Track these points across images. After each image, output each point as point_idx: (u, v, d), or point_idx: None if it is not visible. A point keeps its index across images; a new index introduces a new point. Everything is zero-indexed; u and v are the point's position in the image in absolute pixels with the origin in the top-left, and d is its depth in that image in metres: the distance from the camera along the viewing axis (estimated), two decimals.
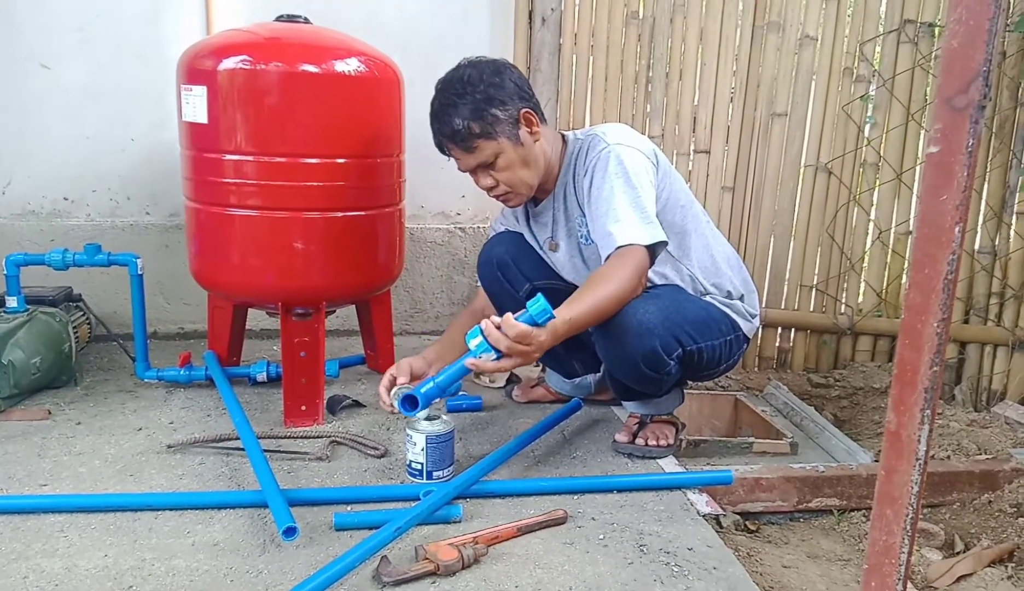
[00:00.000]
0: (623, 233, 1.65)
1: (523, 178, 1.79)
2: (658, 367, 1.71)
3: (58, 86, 2.52)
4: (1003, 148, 2.43)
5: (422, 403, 1.56)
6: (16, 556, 1.36)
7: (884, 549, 0.84)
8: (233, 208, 1.91)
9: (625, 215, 1.67)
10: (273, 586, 1.30)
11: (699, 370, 1.85)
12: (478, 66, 1.75)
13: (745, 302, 1.90)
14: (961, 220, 0.75)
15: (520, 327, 1.47)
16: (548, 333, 1.51)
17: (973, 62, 0.72)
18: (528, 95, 1.79)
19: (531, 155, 1.78)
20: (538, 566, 1.38)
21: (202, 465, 1.73)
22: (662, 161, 1.86)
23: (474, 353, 1.51)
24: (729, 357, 1.87)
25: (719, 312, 1.84)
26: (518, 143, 1.76)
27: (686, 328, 1.73)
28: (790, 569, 1.62)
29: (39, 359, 2.04)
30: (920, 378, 0.79)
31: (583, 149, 1.81)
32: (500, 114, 1.72)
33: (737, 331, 1.86)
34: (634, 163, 1.73)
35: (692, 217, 1.89)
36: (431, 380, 1.60)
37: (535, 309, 1.49)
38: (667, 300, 1.75)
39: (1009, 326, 2.47)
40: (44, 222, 2.59)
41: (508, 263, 1.96)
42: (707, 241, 1.91)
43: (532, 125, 1.77)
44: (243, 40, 1.91)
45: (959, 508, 1.94)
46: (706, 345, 1.78)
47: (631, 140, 1.79)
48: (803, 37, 2.51)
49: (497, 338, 1.48)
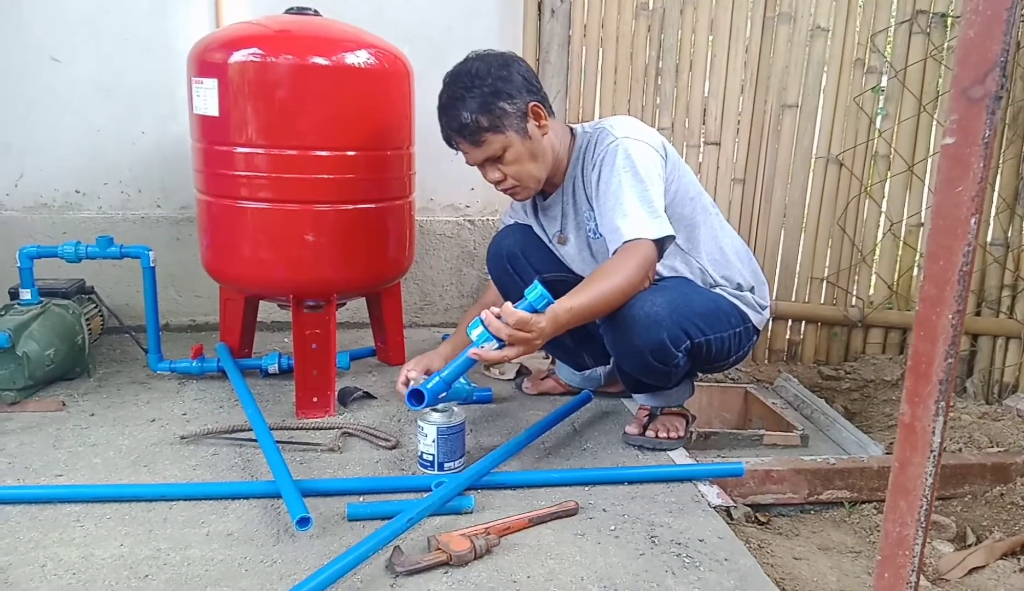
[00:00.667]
0: (631, 227, 1.65)
1: (531, 172, 1.79)
2: (666, 359, 1.71)
3: (68, 79, 2.53)
4: (1016, 139, 2.41)
5: (428, 398, 1.57)
6: (34, 545, 1.37)
7: (897, 541, 0.84)
8: (244, 201, 1.91)
9: (633, 209, 1.66)
10: (287, 575, 1.31)
11: (709, 362, 1.85)
12: (486, 59, 1.74)
13: (755, 294, 1.90)
14: (977, 211, 0.75)
15: (519, 314, 1.49)
16: (548, 320, 1.52)
17: (990, 52, 0.71)
18: (536, 88, 1.78)
19: (539, 148, 1.78)
20: (550, 557, 1.39)
21: (215, 456, 1.75)
22: (671, 153, 1.85)
23: (476, 344, 1.54)
24: (739, 349, 1.86)
25: (728, 304, 1.84)
26: (526, 137, 1.75)
27: (694, 320, 1.73)
28: (801, 561, 1.62)
29: (53, 351, 2.06)
30: (935, 370, 0.78)
31: (591, 142, 1.81)
32: (508, 107, 1.71)
33: (747, 323, 1.86)
34: (642, 156, 1.72)
35: (701, 209, 1.88)
36: (437, 375, 1.62)
37: (533, 296, 1.51)
38: (675, 292, 1.74)
39: (1021, 319, 2.46)
40: (56, 215, 2.61)
41: (517, 255, 1.97)
42: (716, 233, 1.90)
43: (540, 118, 1.76)
44: (253, 33, 1.92)
45: (971, 500, 1.94)
46: (715, 337, 1.77)
47: (639, 133, 1.78)
48: (814, 28, 2.50)
49: (498, 327, 1.50)
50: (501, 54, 1.78)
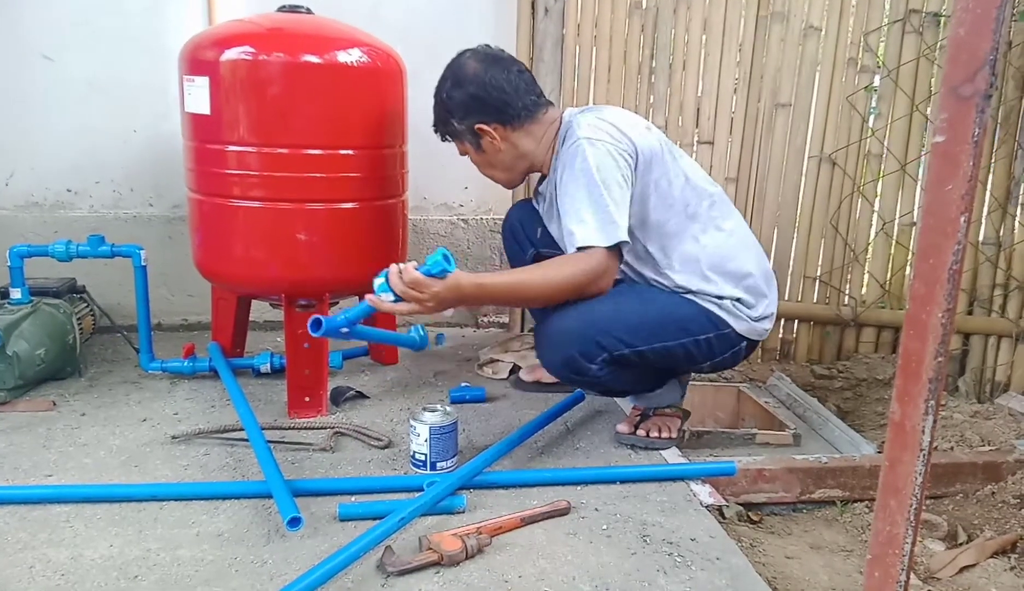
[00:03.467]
0: (583, 234, 1.65)
1: (493, 176, 1.93)
2: (582, 371, 1.71)
3: (60, 77, 2.52)
4: (1008, 139, 2.42)
5: (325, 326, 1.60)
6: (22, 546, 1.36)
7: (888, 539, 0.84)
8: (236, 199, 1.90)
9: (587, 216, 1.66)
10: (278, 576, 1.30)
11: (667, 367, 1.81)
12: (447, 73, 1.84)
13: (743, 304, 1.80)
14: (966, 210, 0.75)
15: (415, 275, 1.56)
16: (447, 288, 1.58)
17: (980, 51, 0.71)
18: (488, 108, 1.79)
19: (495, 159, 1.87)
20: (541, 556, 1.38)
21: (207, 456, 1.74)
22: (650, 150, 1.75)
23: (376, 292, 1.62)
24: (712, 355, 1.78)
25: (694, 310, 1.76)
26: (480, 150, 1.86)
27: (616, 333, 1.68)
28: (793, 560, 1.62)
29: (43, 350, 2.04)
30: (925, 369, 0.78)
31: (564, 136, 1.80)
32: (457, 125, 1.84)
33: (723, 329, 1.76)
34: (599, 160, 1.68)
35: (685, 218, 1.79)
36: (343, 313, 1.66)
37: (430, 260, 1.57)
38: (607, 304, 1.70)
39: (1013, 317, 2.47)
40: (48, 214, 2.59)
41: (518, 228, 2.09)
42: (697, 243, 1.79)
43: (488, 136, 1.82)
44: (245, 31, 1.91)
45: (962, 499, 1.94)
46: (657, 346, 1.72)
47: (605, 133, 1.72)
48: (807, 27, 2.50)
49: (395, 282, 1.58)
50: (462, 66, 1.82)
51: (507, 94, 1.79)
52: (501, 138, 1.82)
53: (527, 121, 1.82)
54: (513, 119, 1.81)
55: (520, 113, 1.81)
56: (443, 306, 1.62)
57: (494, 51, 1.85)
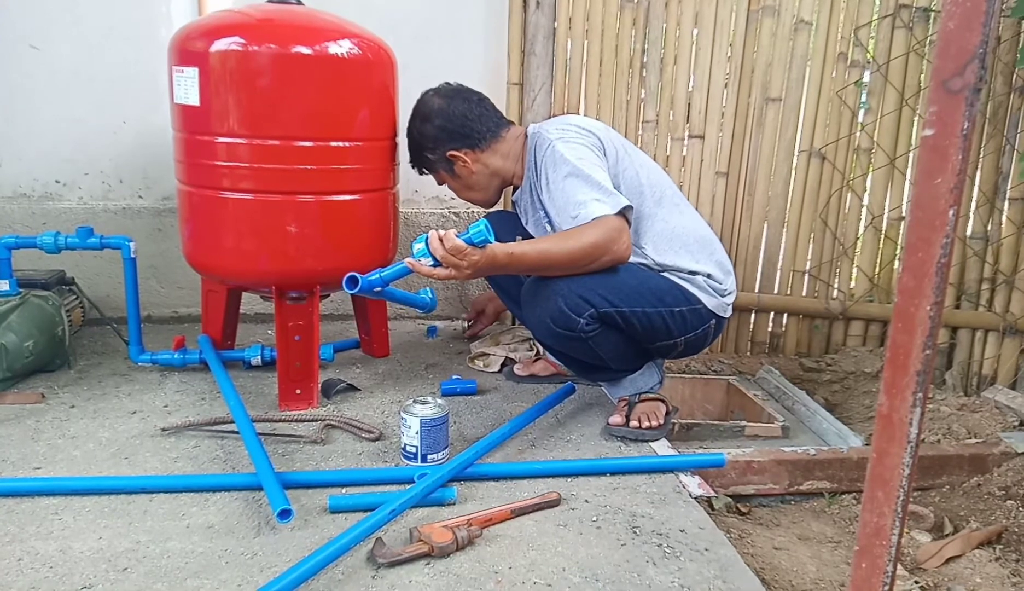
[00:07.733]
0: (590, 209, 1.74)
1: (471, 197, 2.10)
2: (570, 326, 1.76)
3: (48, 68, 2.50)
4: (996, 134, 2.44)
5: (361, 284, 1.74)
6: (10, 539, 1.36)
7: (875, 531, 0.85)
8: (226, 191, 1.90)
9: (586, 196, 1.75)
10: (268, 568, 1.30)
11: (646, 337, 1.84)
12: (414, 112, 2.02)
13: (713, 279, 1.89)
14: (955, 203, 0.75)
15: (456, 241, 1.64)
16: (484, 256, 1.67)
17: (969, 44, 0.72)
18: (456, 136, 1.96)
19: (471, 181, 2.03)
20: (532, 547, 1.39)
21: (197, 448, 1.74)
22: (612, 145, 1.92)
23: (415, 256, 1.70)
24: (686, 329, 1.85)
25: (668, 283, 1.85)
26: (455, 176, 2.03)
27: (600, 291, 1.76)
28: (781, 551, 1.64)
29: (32, 342, 2.03)
30: (912, 361, 0.79)
31: (534, 147, 1.93)
32: (431, 156, 2.02)
33: (694, 303, 1.85)
34: (578, 152, 1.83)
35: (652, 202, 1.91)
36: (377, 272, 1.81)
37: (473, 230, 1.65)
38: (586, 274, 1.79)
39: (1000, 311, 2.49)
40: (36, 205, 2.57)
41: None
42: (669, 224, 1.92)
43: (460, 161, 1.98)
44: (235, 21, 1.89)
45: (949, 491, 1.96)
46: (639, 311, 1.78)
47: (571, 134, 1.89)
48: (798, 22, 2.51)
49: (436, 247, 1.65)
50: (427, 103, 2.00)
51: (471, 120, 1.98)
52: (472, 160, 1.99)
53: (493, 141, 1.99)
54: (480, 142, 1.98)
55: (485, 135, 1.99)
56: (478, 274, 1.71)
57: (454, 86, 2.03)
